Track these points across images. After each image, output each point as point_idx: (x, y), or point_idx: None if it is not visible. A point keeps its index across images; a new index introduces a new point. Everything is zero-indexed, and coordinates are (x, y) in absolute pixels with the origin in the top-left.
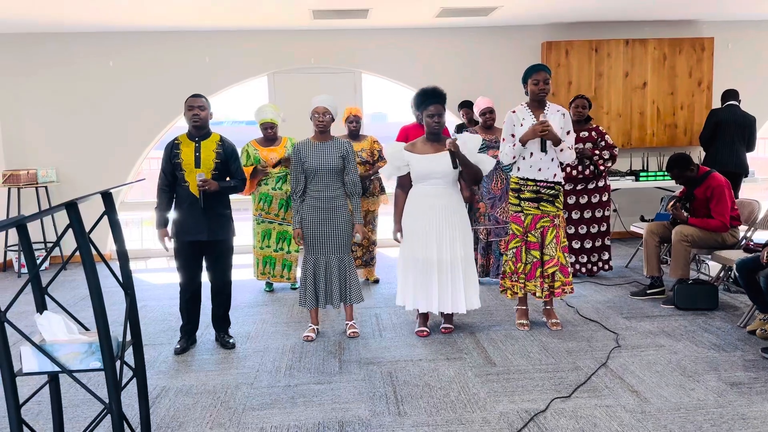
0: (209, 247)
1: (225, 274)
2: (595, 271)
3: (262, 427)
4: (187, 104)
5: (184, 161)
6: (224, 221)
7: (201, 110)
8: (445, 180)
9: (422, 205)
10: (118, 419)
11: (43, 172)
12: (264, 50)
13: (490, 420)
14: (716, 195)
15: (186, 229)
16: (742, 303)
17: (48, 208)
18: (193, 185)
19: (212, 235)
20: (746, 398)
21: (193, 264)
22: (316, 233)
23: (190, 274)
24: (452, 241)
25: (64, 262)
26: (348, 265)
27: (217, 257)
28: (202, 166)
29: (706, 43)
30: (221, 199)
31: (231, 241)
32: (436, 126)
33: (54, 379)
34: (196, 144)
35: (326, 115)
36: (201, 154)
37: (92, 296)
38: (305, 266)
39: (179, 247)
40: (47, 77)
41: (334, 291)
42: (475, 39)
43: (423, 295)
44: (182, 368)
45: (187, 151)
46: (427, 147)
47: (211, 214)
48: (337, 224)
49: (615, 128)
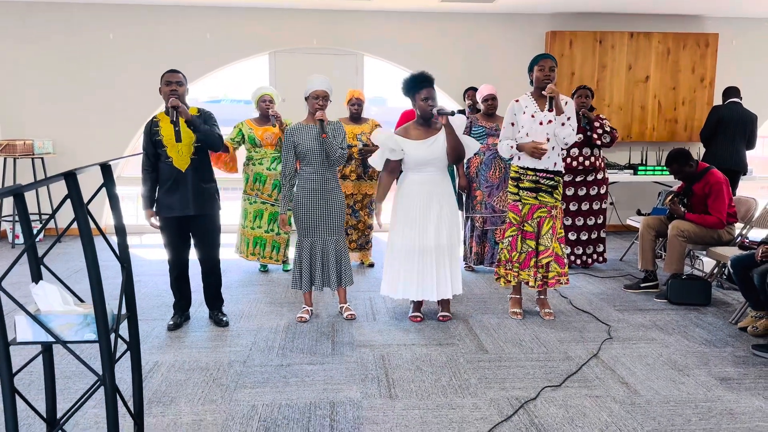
0: (195, 223)
1: (213, 252)
2: (590, 263)
3: (253, 404)
4: (165, 80)
5: (165, 137)
6: (208, 196)
7: (179, 86)
8: (437, 167)
9: (417, 193)
10: (111, 391)
11: (39, 144)
12: (266, 29)
13: (480, 406)
14: (714, 191)
15: (170, 205)
16: (734, 300)
17: (46, 178)
18: (177, 160)
19: (197, 209)
20: (735, 393)
21: (179, 241)
22: (310, 216)
23: (176, 251)
24: (439, 227)
25: (59, 234)
26: (343, 247)
27: (204, 234)
28: (183, 140)
29: (711, 39)
30: (205, 173)
31: (217, 217)
32: (430, 109)
33: (48, 349)
34: (174, 119)
35: (326, 99)
36: (180, 128)
37: (89, 268)
38: (299, 249)
39: (165, 224)
40: (47, 47)
41: (331, 274)
42: (479, 26)
43: (419, 284)
44: (175, 344)
45: (166, 127)
46: (420, 132)
47: (195, 189)
48: (332, 207)
49: (615, 121)
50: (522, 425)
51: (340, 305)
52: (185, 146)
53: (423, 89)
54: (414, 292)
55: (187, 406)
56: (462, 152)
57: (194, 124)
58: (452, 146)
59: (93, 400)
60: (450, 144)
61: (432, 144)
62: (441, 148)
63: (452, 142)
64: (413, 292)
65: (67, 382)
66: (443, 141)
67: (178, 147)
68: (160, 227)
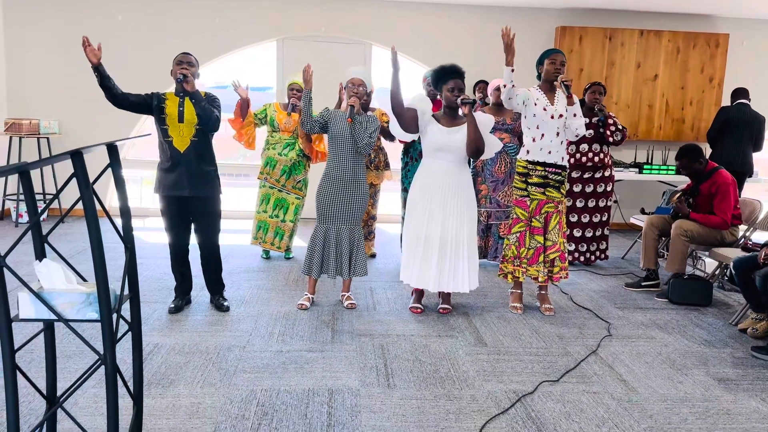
0: (194, 206)
1: (212, 236)
2: (592, 260)
3: (252, 389)
4: (176, 60)
5: (169, 115)
6: (208, 178)
7: (190, 66)
8: (456, 156)
9: (432, 182)
10: (111, 371)
11: (45, 123)
12: (275, 15)
13: (478, 398)
14: (721, 192)
15: (168, 184)
16: (735, 301)
17: (52, 156)
18: (176, 140)
19: (195, 190)
20: (732, 394)
21: (179, 224)
22: (334, 205)
23: (176, 234)
24: (459, 219)
25: (64, 213)
26: (358, 237)
27: (203, 219)
28: (185, 121)
29: (721, 39)
30: (204, 156)
31: (217, 201)
32: (455, 99)
33: (49, 327)
34: (180, 99)
35: (360, 87)
36: (185, 109)
37: (93, 247)
38: (315, 235)
39: (164, 205)
40: (55, 27)
41: (343, 262)
42: (489, 18)
43: (419, 272)
44: (176, 327)
45: (172, 105)
46: (445, 121)
47: (193, 170)
48: (357, 198)
49: (623, 119)
50: (519, 418)
51: (342, 293)
52: (186, 127)
53: (450, 80)
54: (423, 281)
55: (186, 388)
56: (481, 146)
57: (196, 98)
58: (472, 138)
59: (93, 379)
60: (470, 135)
61: (453, 133)
62: (461, 139)
63: (472, 133)
64: (422, 281)
65: (67, 362)
66: (465, 134)
67: (180, 127)
68: (161, 209)
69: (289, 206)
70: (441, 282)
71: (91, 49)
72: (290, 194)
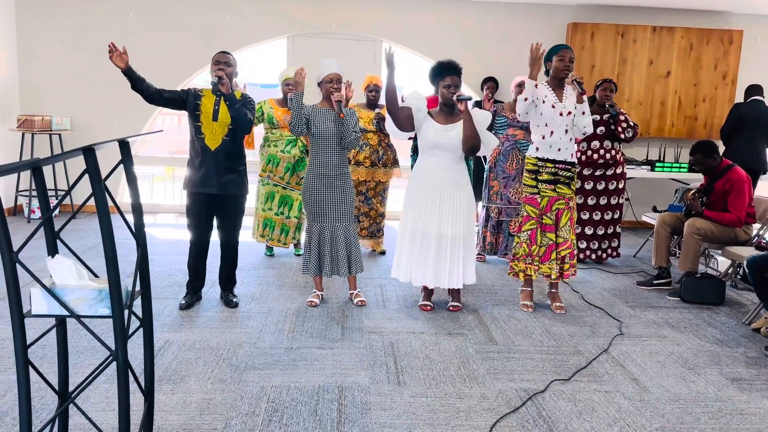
0: (221, 204)
1: (234, 233)
2: (604, 258)
3: (262, 386)
4: (214, 59)
5: (203, 113)
6: (237, 177)
7: (227, 66)
8: (452, 153)
9: (429, 179)
10: (123, 367)
11: (57, 120)
12: (285, 12)
13: (488, 396)
14: (735, 189)
15: (197, 181)
16: (748, 300)
17: (64, 152)
18: (208, 138)
19: (223, 189)
20: (746, 394)
21: (204, 221)
22: (320, 201)
23: (200, 231)
24: (456, 216)
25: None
26: (352, 235)
27: (228, 215)
28: (219, 121)
29: (735, 35)
30: (234, 155)
31: (243, 199)
32: (451, 96)
33: (61, 323)
34: (216, 98)
35: (340, 82)
36: (219, 108)
37: (105, 243)
38: (309, 234)
39: (191, 202)
40: (67, 24)
41: (340, 261)
42: (500, 15)
43: (419, 269)
44: (186, 323)
45: (207, 104)
46: (441, 118)
47: (222, 169)
48: (342, 193)
49: (635, 116)
50: (530, 417)
51: (350, 291)
52: (219, 126)
53: (447, 76)
54: (418, 277)
55: (197, 384)
56: (477, 144)
57: (230, 99)
58: (467, 135)
59: (104, 375)
60: (465, 133)
61: (448, 131)
62: (456, 136)
63: (468, 131)
64: (418, 278)
65: (79, 357)
66: (460, 130)
67: (213, 126)
68: (186, 205)
69: (294, 202)
70: (439, 278)
71: (118, 54)
72: (294, 191)
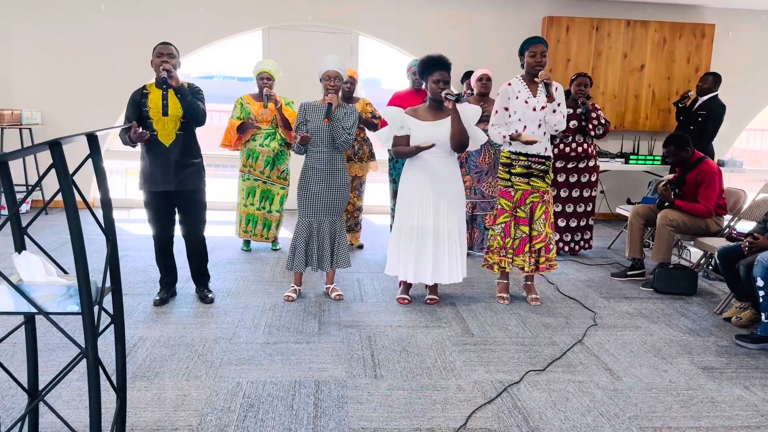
0: (180, 199)
1: (197, 228)
2: (577, 250)
3: (238, 381)
4: (156, 51)
5: (152, 109)
6: (193, 171)
7: (171, 57)
8: (443, 149)
9: (421, 176)
10: (93, 364)
11: (27, 114)
12: (261, 3)
13: (465, 388)
14: (707, 180)
15: (154, 180)
16: (719, 290)
17: (31, 146)
18: (162, 134)
19: (181, 185)
20: (717, 383)
21: (164, 216)
22: (315, 196)
23: (160, 227)
24: (450, 211)
25: (45, 204)
26: (339, 228)
27: (188, 210)
28: (170, 114)
29: (707, 29)
30: (190, 149)
31: (202, 193)
32: (440, 91)
33: (30, 320)
34: (163, 92)
35: (337, 80)
36: (168, 102)
37: (72, 238)
38: (299, 229)
39: (148, 199)
40: (37, 17)
41: (324, 254)
42: (476, 8)
43: (415, 266)
44: (161, 319)
45: (155, 99)
46: (429, 114)
47: (178, 164)
48: (337, 188)
49: (609, 109)
50: (505, 408)
51: (327, 285)
52: (171, 120)
53: (436, 71)
54: (413, 274)
55: (171, 381)
56: (465, 141)
57: (182, 93)
58: (455, 132)
59: (76, 373)
60: (453, 130)
61: (437, 127)
62: (446, 132)
63: (456, 128)
64: (412, 275)
65: (50, 355)
66: (449, 126)
67: (164, 121)
68: (144, 201)
69: (275, 197)
70: (436, 275)
71: (140, 135)
72: (275, 185)
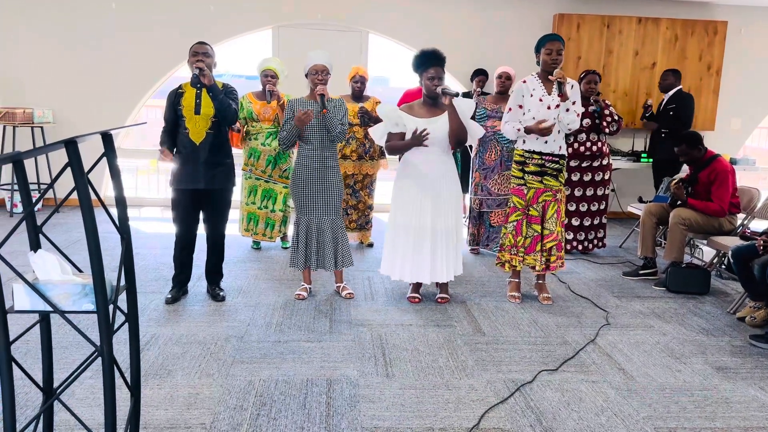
0: (208, 198)
1: (220, 226)
2: (590, 249)
3: (250, 380)
4: (192, 50)
5: (185, 107)
6: (224, 170)
7: (205, 56)
8: (440, 146)
9: (417, 173)
10: (108, 362)
11: (39, 113)
12: (271, 2)
13: (477, 387)
14: (719, 179)
15: (184, 178)
16: (733, 290)
17: (46, 145)
18: (192, 132)
19: (210, 183)
20: (731, 383)
21: (191, 214)
22: (308, 194)
23: (186, 225)
24: (446, 208)
25: (59, 203)
26: (340, 228)
27: (214, 209)
28: (202, 113)
29: (719, 26)
30: (220, 149)
31: (229, 192)
32: (435, 88)
33: (45, 318)
34: (197, 91)
35: (325, 74)
36: (201, 101)
37: (88, 237)
38: (297, 228)
39: (176, 197)
40: (49, 15)
41: (327, 255)
42: (487, 6)
43: (413, 265)
44: (173, 317)
45: (189, 98)
46: (424, 111)
47: (208, 163)
48: (330, 186)
49: (620, 107)
50: (518, 407)
51: (337, 284)
52: (202, 119)
53: (431, 67)
54: (412, 273)
55: (184, 379)
56: (464, 137)
57: (214, 91)
58: (454, 129)
59: (90, 371)
60: (452, 126)
61: (434, 123)
62: (443, 128)
63: (454, 124)
64: (410, 274)
65: (64, 353)
66: (446, 122)
67: (196, 119)
68: (172, 199)
69: (277, 196)
70: (435, 273)
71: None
72: (277, 184)
